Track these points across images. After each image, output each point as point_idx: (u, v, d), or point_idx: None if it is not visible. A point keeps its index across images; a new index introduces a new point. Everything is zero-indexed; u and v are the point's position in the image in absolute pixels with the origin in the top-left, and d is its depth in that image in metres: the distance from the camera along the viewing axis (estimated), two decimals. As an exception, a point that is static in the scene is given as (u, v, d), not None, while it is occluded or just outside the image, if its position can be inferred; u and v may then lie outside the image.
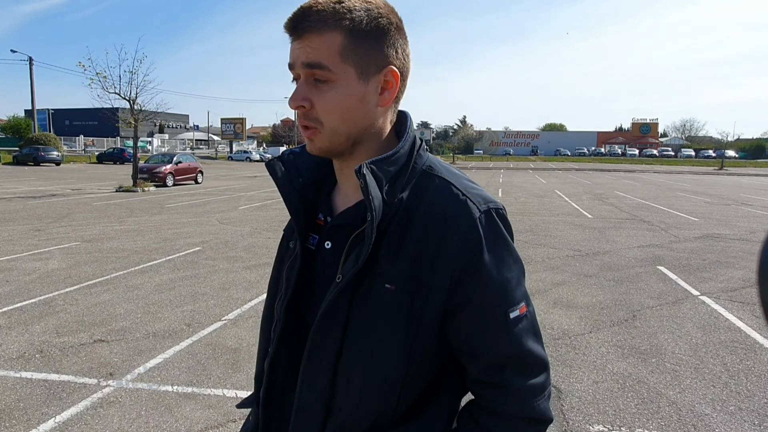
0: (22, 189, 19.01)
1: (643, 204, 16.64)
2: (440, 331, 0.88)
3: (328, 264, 0.93)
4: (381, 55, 0.86)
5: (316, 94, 0.85)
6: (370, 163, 0.86)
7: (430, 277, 0.84)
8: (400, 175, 0.90)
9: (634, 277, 6.93)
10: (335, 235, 0.94)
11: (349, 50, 0.84)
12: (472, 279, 0.84)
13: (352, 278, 0.85)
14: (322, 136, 0.88)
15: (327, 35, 0.83)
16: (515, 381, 0.86)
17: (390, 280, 0.85)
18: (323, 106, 0.85)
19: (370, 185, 0.83)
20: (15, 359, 4.03)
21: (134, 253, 8.02)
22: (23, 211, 12.68)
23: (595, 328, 4.93)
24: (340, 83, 0.84)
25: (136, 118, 20.38)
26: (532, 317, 0.89)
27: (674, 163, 65.69)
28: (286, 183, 0.98)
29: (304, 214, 0.98)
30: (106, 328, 4.72)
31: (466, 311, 0.85)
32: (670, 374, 3.92)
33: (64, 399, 3.41)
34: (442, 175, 0.91)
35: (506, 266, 0.86)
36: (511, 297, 0.86)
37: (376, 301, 0.86)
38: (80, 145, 55.12)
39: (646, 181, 30.44)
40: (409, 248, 0.85)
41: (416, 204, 0.87)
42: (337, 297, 0.87)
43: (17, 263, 7.23)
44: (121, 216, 12.29)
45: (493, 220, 0.87)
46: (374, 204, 0.82)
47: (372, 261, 0.85)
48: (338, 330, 0.87)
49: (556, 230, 10.84)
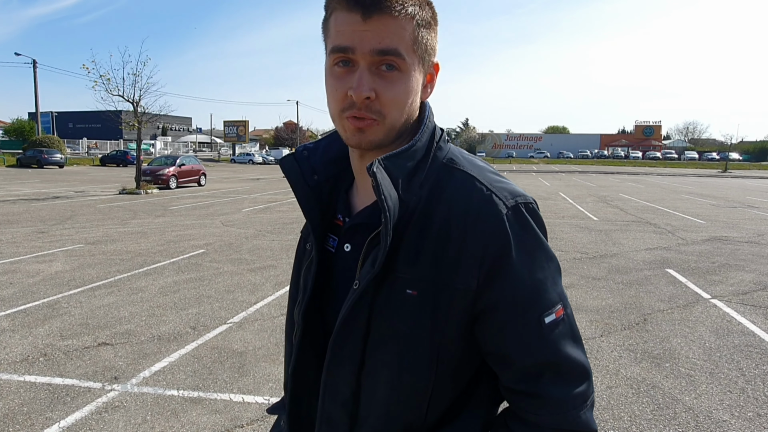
0: (26, 191, 19.00)
1: (648, 206, 16.54)
2: (470, 336, 0.81)
3: (348, 267, 0.87)
4: (434, 49, 0.83)
5: (382, 84, 0.78)
6: (384, 158, 0.79)
7: (455, 279, 0.77)
8: (418, 170, 0.83)
9: (644, 280, 6.85)
10: (354, 236, 0.88)
11: (418, 41, 0.79)
12: (501, 281, 0.77)
13: (369, 284, 0.79)
14: (379, 129, 0.80)
15: (403, 20, 0.77)
16: (553, 390, 0.78)
17: (411, 285, 0.79)
18: (390, 98, 0.79)
19: (382, 184, 0.76)
20: (19, 362, 3.97)
21: (138, 256, 7.97)
22: (27, 213, 12.65)
23: (606, 331, 4.86)
24: (409, 74, 0.79)
25: (139, 121, 20.38)
26: (570, 320, 0.82)
27: (678, 166, 65.52)
28: (300, 181, 0.92)
29: (320, 214, 0.92)
30: (111, 331, 4.66)
31: (496, 316, 0.79)
32: (685, 379, 3.84)
33: (68, 403, 3.35)
34: (465, 168, 0.84)
35: (538, 266, 0.79)
36: (545, 299, 0.79)
37: (398, 308, 0.79)
38: (84, 147, 55.17)
39: (650, 183, 30.32)
40: (430, 250, 0.78)
41: (437, 201, 0.80)
42: (355, 304, 0.81)
43: (21, 265, 7.18)
44: (124, 218, 12.26)
45: (522, 215, 0.80)
46: (388, 204, 0.76)
47: (391, 265, 0.79)
48: (359, 338, 0.82)
49: (562, 233, 10.76)
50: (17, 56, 46.95)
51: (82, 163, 43.99)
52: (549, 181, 31.63)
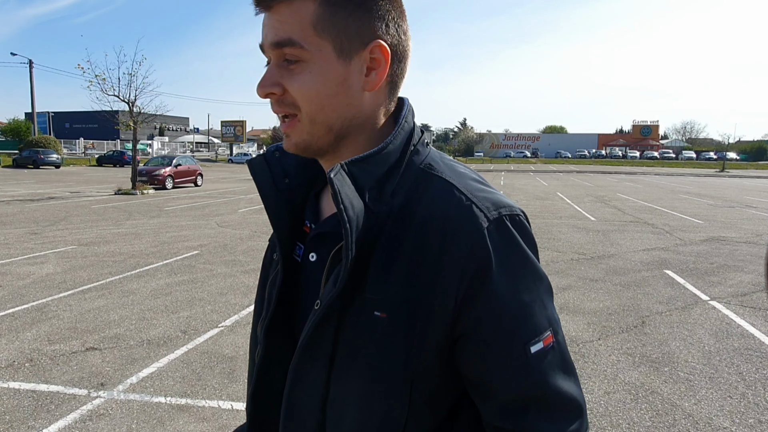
0: (21, 192, 18.87)
1: (646, 206, 16.49)
2: (449, 361, 0.72)
3: (314, 279, 0.78)
4: (366, 28, 0.71)
5: (287, 76, 0.71)
6: (349, 163, 0.70)
7: (430, 300, 0.68)
8: (390, 176, 0.73)
9: (642, 281, 6.78)
10: (319, 245, 0.79)
11: (326, 21, 0.69)
12: (480, 304, 0.68)
13: (333, 304, 0.70)
14: (301, 127, 0.73)
15: (298, 5, 0.68)
16: (541, 427, 0.68)
17: (380, 307, 0.69)
18: (296, 90, 0.71)
19: (341, 191, 0.67)
20: (3, 368, 3.87)
21: (131, 257, 7.88)
22: (20, 214, 12.54)
23: (604, 334, 4.78)
24: (315, 62, 0.70)
25: (135, 121, 20.25)
26: (562, 348, 0.71)
27: (675, 166, 65.55)
28: (269, 185, 0.82)
29: (289, 221, 0.83)
30: (99, 336, 4.57)
31: (475, 342, 0.69)
32: (684, 384, 3.76)
33: (52, 411, 3.26)
34: (443, 174, 0.74)
35: (524, 286, 0.70)
36: (531, 325, 0.69)
37: (367, 331, 0.70)
38: (80, 148, 55.00)
39: (647, 183, 30.29)
40: (403, 267, 0.69)
41: (411, 212, 0.71)
42: (317, 327, 0.71)
43: (12, 267, 7.08)
44: (119, 219, 12.15)
45: (505, 229, 0.70)
46: (349, 215, 0.66)
47: (358, 283, 0.70)
48: (323, 364, 0.73)
49: (559, 233, 10.69)
50: (13, 56, 46.95)
51: (79, 163, 43.82)
52: (547, 180, 31.59)
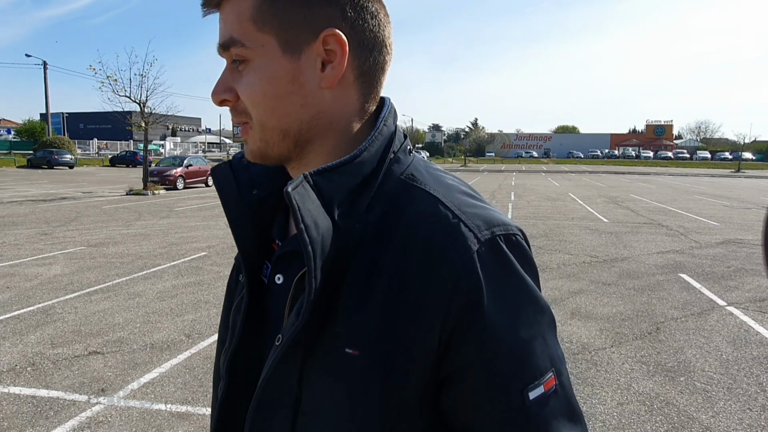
0: (34, 192, 19.02)
1: (660, 207, 16.22)
2: (433, 407, 0.61)
3: (282, 305, 0.67)
4: (315, 15, 0.61)
5: (237, 80, 0.64)
6: (315, 173, 0.60)
7: (410, 336, 0.58)
8: (365, 188, 0.63)
9: (656, 285, 6.62)
10: (286, 266, 0.69)
11: (265, 13, 0.60)
12: (470, 341, 0.57)
13: (296, 339, 0.59)
14: (253, 135, 0.66)
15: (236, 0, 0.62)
16: None
17: (352, 343, 0.59)
18: (244, 94, 0.63)
19: (302, 208, 0.56)
20: (5, 372, 3.83)
21: (139, 258, 7.85)
22: (32, 215, 12.61)
23: (617, 341, 4.65)
24: (258, 60, 0.62)
25: (146, 121, 20.35)
26: (566, 391, 0.61)
27: (690, 166, 64.73)
28: (234, 196, 0.72)
29: (255, 237, 0.73)
30: (103, 339, 4.52)
31: (464, 387, 0.59)
32: (701, 395, 3.63)
33: (50, 418, 3.20)
34: (427, 186, 0.64)
35: (522, 320, 0.59)
36: (530, 367, 0.58)
37: (337, 371, 0.60)
38: (94, 148, 55.46)
39: (661, 183, 29.89)
40: (379, 296, 0.58)
41: (388, 231, 0.60)
42: (278, 365, 0.61)
43: (20, 268, 7.09)
44: (129, 220, 12.18)
45: (500, 252, 0.59)
46: (311, 235, 0.56)
47: (326, 314, 0.60)
48: (287, 409, 0.62)
49: (571, 235, 10.52)
50: (28, 57, 47.50)
51: (92, 163, 44.20)
52: (558, 181, 31.29)
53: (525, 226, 11.68)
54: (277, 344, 0.62)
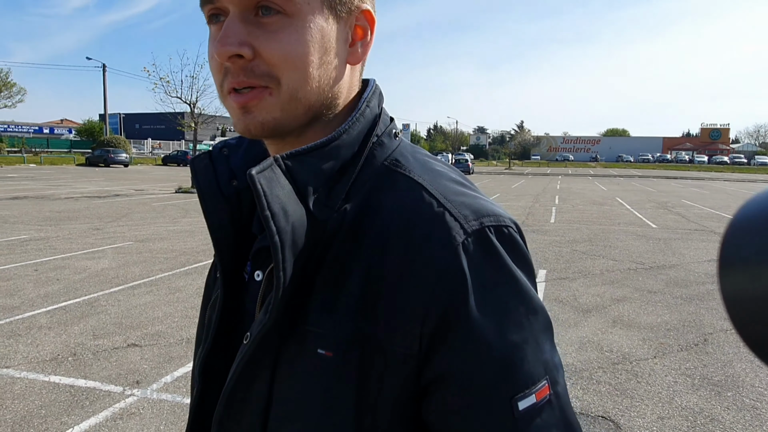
0: (90, 189, 19.89)
1: (713, 214, 15.48)
2: (413, 417, 0.56)
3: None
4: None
5: (260, 35, 0.54)
6: (288, 156, 0.55)
7: (390, 339, 0.53)
8: (344, 174, 0.58)
9: (705, 294, 6.29)
10: (265, 262, 0.64)
11: None
12: (453, 345, 0.52)
13: (266, 338, 0.55)
14: (273, 103, 0.56)
15: None
16: None
17: (325, 344, 0.54)
18: (275, 52, 0.54)
19: (269, 195, 0.51)
20: (48, 361, 3.99)
21: (182, 254, 8.07)
22: (86, 210, 13.18)
23: (661, 352, 4.43)
24: (303, 18, 0.54)
25: (195, 122, 20.99)
26: (561, 402, 0.54)
27: (747, 171, 61.58)
28: (212, 188, 0.67)
29: (234, 232, 0.68)
30: (142, 332, 4.65)
31: (447, 395, 0.53)
32: (749, 412, 3.41)
33: (86, 408, 3.30)
34: (411, 173, 0.59)
35: (512, 322, 0.53)
36: (521, 374, 0.52)
37: (308, 373, 0.55)
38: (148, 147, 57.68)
39: (716, 189, 28.55)
40: (355, 293, 0.54)
41: (369, 221, 0.56)
42: (246, 366, 0.57)
43: (71, 261, 7.40)
44: (175, 217, 12.55)
45: (489, 245, 0.54)
46: (279, 224, 0.51)
47: (300, 312, 0.55)
48: (256, 414, 0.58)
49: (616, 240, 10.16)
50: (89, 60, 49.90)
51: (146, 162, 45.94)
52: (606, 185, 30.37)
53: (568, 230, 11.37)
54: (245, 342, 0.58)
